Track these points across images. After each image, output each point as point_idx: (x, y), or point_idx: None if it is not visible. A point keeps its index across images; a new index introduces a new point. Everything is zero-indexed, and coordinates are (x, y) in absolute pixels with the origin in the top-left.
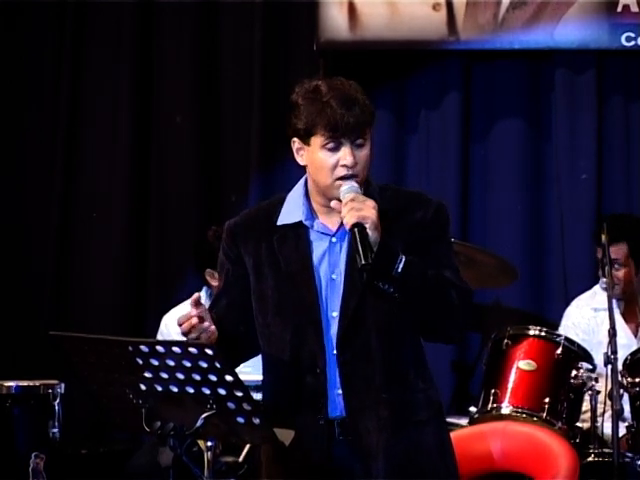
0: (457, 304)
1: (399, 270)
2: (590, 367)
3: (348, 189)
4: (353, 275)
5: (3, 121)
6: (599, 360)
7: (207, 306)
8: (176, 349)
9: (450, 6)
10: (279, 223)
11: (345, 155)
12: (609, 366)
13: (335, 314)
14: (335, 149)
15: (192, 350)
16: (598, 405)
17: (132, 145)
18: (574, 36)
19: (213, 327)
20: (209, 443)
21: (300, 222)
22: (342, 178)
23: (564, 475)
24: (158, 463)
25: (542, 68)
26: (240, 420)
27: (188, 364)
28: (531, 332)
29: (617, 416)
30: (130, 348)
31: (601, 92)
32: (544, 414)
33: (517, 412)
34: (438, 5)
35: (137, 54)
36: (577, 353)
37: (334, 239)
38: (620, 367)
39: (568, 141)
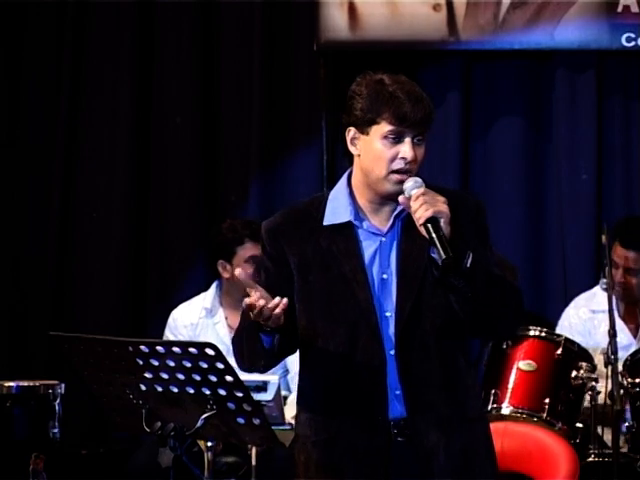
0: (513, 301)
1: (468, 265)
2: (590, 367)
3: (414, 184)
4: (405, 275)
5: (3, 121)
6: (597, 361)
7: (217, 299)
8: (176, 349)
9: (450, 6)
10: (326, 223)
11: (407, 149)
12: (609, 366)
13: (389, 314)
14: (396, 141)
15: (192, 350)
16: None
17: (132, 145)
18: (574, 36)
19: (285, 299)
20: (209, 443)
21: (349, 222)
22: (397, 172)
23: (564, 475)
24: (158, 463)
25: (542, 68)
26: (240, 421)
27: (188, 364)
28: (531, 332)
29: (617, 416)
30: (130, 348)
31: (601, 92)
32: (544, 414)
33: (517, 412)
34: (438, 5)
35: (137, 54)
36: (577, 353)
37: (384, 238)
38: (620, 368)
39: (568, 141)
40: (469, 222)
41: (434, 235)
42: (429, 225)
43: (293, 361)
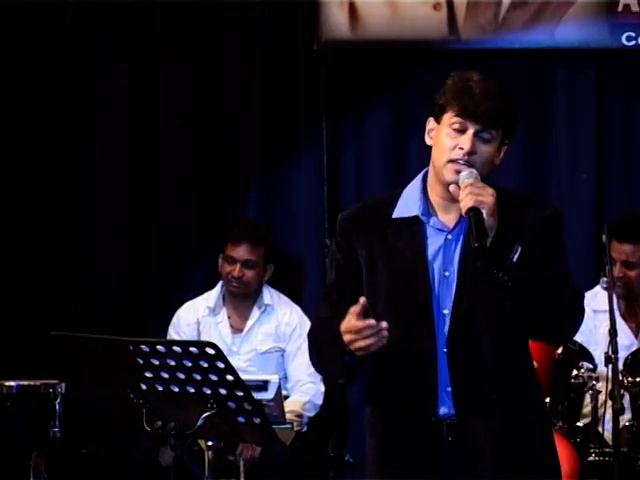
0: (569, 305)
1: (514, 260)
2: (591, 367)
3: (468, 174)
4: (466, 273)
5: (3, 121)
6: (598, 360)
7: (221, 298)
8: (177, 348)
9: (451, 6)
10: (395, 216)
11: (466, 139)
12: (610, 366)
13: (446, 311)
14: (460, 131)
15: (193, 350)
16: (599, 404)
17: (132, 146)
18: (575, 36)
19: (385, 323)
20: (210, 442)
21: (416, 217)
22: (455, 162)
23: (564, 475)
24: (159, 462)
25: (543, 68)
26: (241, 420)
27: (189, 364)
28: None
29: (618, 415)
30: (131, 348)
31: (601, 92)
32: None
33: None
34: (439, 5)
35: (137, 54)
36: (578, 353)
37: (450, 236)
38: (621, 367)
39: (568, 141)
40: (538, 227)
41: (472, 223)
42: (470, 214)
43: (292, 370)
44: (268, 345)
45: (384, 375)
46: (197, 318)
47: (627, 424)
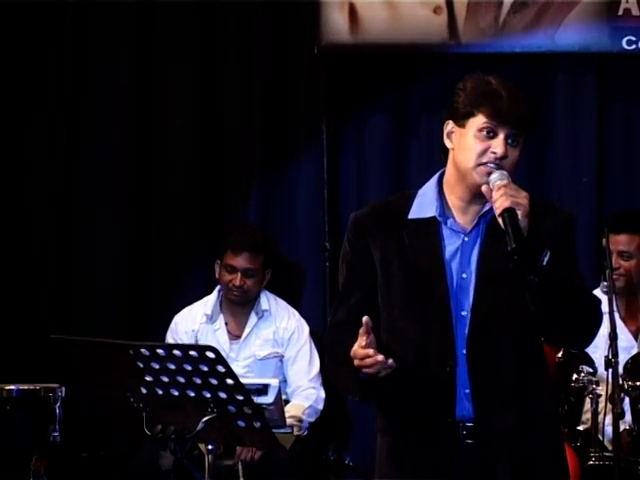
0: (589, 310)
1: (544, 263)
2: (591, 370)
3: (500, 175)
4: (484, 275)
5: (3, 121)
6: (598, 364)
7: (218, 304)
8: (177, 352)
9: (451, 9)
10: (411, 217)
11: (498, 144)
12: (610, 369)
13: (464, 313)
14: (490, 136)
15: (193, 353)
16: (599, 408)
17: (132, 146)
18: (575, 40)
19: (391, 361)
20: (210, 446)
21: (433, 218)
22: (485, 164)
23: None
24: (159, 466)
25: (543, 72)
26: (241, 424)
27: (189, 367)
28: None
29: (618, 419)
30: (131, 351)
31: (602, 96)
32: None
33: None
34: (439, 8)
35: (137, 54)
36: (578, 356)
37: (467, 238)
38: (621, 370)
39: (569, 144)
40: (557, 232)
41: (508, 224)
42: (505, 215)
43: (292, 375)
44: (266, 351)
45: (401, 376)
46: (195, 326)
47: (627, 428)
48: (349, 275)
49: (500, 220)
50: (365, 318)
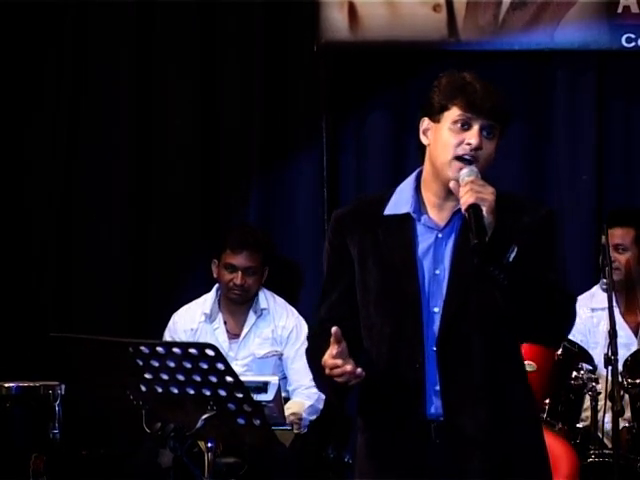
0: (561, 307)
1: (510, 259)
2: (590, 368)
3: (469, 172)
4: (458, 272)
5: (3, 121)
6: (597, 360)
7: (217, 303)
8: (176, 350)
9: (450, 7)
10: (386, 213)
11: (473, 135)
12: (609, 367)
13: (437, 309)
14: (465, 128)
15: (192, 351)
16: (598, 405)
17: (132, 146)
18: (574, 37)
19: (359, 370)
20: (209, 444)
21: (407, 214)
22: (461, 158)
23: (564, 476)
24: (159, 464)
25: (542, 69)
26: (240, 421)
27: (189, 365)
28: None
29: (617, 417)
30: (130, 349)
31: (601, 93)
32: (544, 415)
33: None
34: (438, 6)
35: (137, 54)
36: (577, 354)
37: (440, 234)
38: (620, 368)
39: (568, 142)
40: (532, 228)
41: (472, 220)
42: (470, 210)
43: (293, 374)
44: (265, 349)
45: (374, 373)
46: (194, 325)
47: (627, 425)
48: (330, 272)
49: (465, 215)
50: (334, 329)
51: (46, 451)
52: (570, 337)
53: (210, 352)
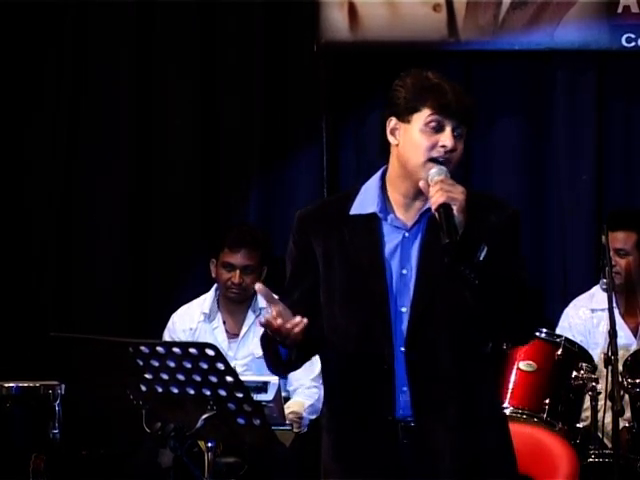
0: (530, 304)
1: (481, 258)
2: (590, 368)
3: (438, 171)
4: (425, 271)
5: (3, 121)
6: (597, 360)
7: (216, 302)
8: (177, 350)
9: (450, 7)
10: (352, 213)
11: (447, 137)
12: (609, 367)
13: (404, 309)
14: (437, 130)
15: (192, 351)
16: (598, 405)
17: (132, 146)
18: (574, 37)
19: (299, 317)
20: (209, 444)
21: (374, 214)
22: (435, 160)
23: (564, 476)
24: (159, 464)
25: (542, 69)
26: (240, 421)
27: (189, 365)
28: None
29: (617, 417)
30: (130, 349)
31: (601, 93)
32: (544, 415)
33: (517, 413)
34: (438, 6)
35: (137, 54)
36: (577, 354)
37: (407, 234)
38: (620, 368)
39: (568, 142)
40: (499, 225)
41: (442, 219)
42: (440, 210)
43: (294, 374)
44: None
45: (341, 373)
46: (193, 325)
47: (627, 425)
48: (293, 272)
49: (437, 216)
50: (258, 285)
51: (46, 451)
52: (570, 338)
53: (210, 352)
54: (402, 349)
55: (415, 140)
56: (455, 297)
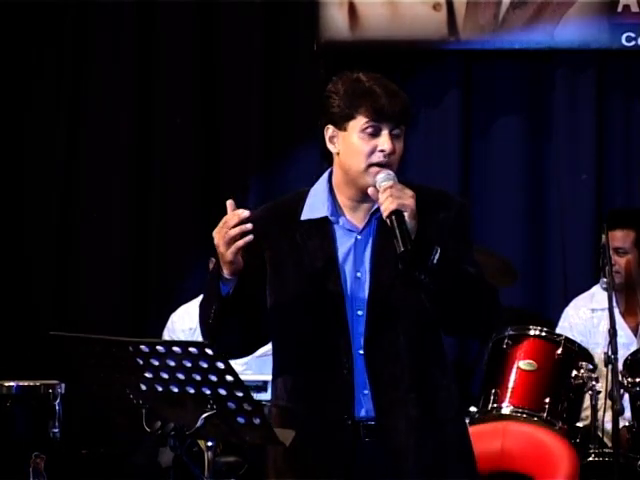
0: (487, 300)
1: (435, 261)
2: (591, 367)
3: (386, 176)
4: (378, 273)
5: (3, 121)
6: (598, 360)
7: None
8: (176, 349)
9: (450, 6)
10: (303, 218)
11: (385, 141)
12: (609, 366)
13: (360, 312)
14: (374, 135)
15: (192, 350)
16: (598, 405)
17: (132, 145)
18: (574, 36)
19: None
20: (209, 443)
21: (325, 218)
22: (377, 165)
23: (564, 475)
24: (158, 463)
25: (542, 68)
26: (240, 420)
27: (188, 364)
28: (531, 332)
29: (617, 416)
30: (130, 348)
31: (601, 92)
32: (544, 414)
33: (517, 412)
34: (438, 5)
35: (137, 54)
36: (578, 353)
37: (359, 236)
38: (620, 367)
39: (568, 141)
40: (448, 221)
41: (395, 227)
42: (392, 217)
43: None
44: (264, 348)
45: (297, 377)
46: (192, 324)
47: (627, 425)
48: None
49: (389, 223)
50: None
51: (46, 450)
52: (570, 337)
53: (210, 351)
54: (360, 352)
55: (354, 147)
56: (411, 298)
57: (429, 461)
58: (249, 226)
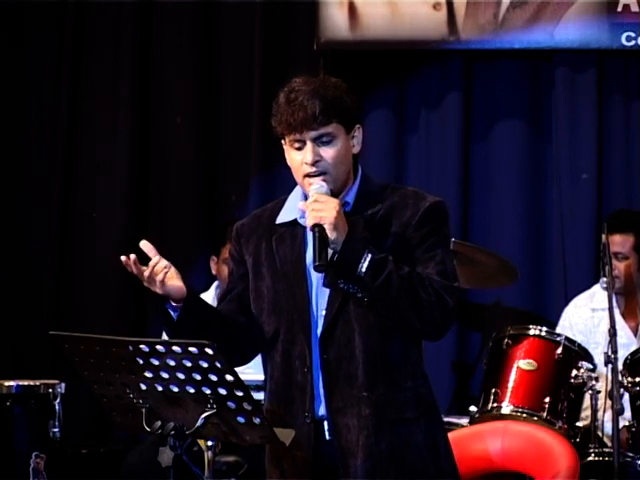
0: (431, 300)
1: (362, 270)
2: (590, 367)
3: (317, 188)
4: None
5: (3, 121)
6: (598, 360)
7: (216, 300)
8: (176, 348)
9: (450, 6)
10: (277, 222)
11: (305, 152)
12: (609, 366)
13: (324, 313)
14: (300, 148)
15: (192, 350)
16: (598, 404)
17: (132, 145)
18: (574, 36)
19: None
20: (209, 443)
21: (295, 220)
22: (308, 175)
23: (564, 475)
24: (158, 463)
25: (542, 68)
26: (240, 420)
27: (188, 364)
28: (531, 332)
29: (617, 416)
30: (130, 348)
31: (601, 92)
32: (544, 414)
33: (517, 412)
34: (438, 5)
35: (137, 54)
36: (577, 353)
37: None
38: (620, 367)
39: (568, 141)
40: (412, 219)
41: (316, 240)
42: (315, 230)
43: None
44: None
45: (274, 378)
46: None
47: (627, 424)
48: (229, 280)
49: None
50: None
51: (46, 449)
52: (570, 337)
53: (210, 350)
54: (319, 351)
55: (291, 162)
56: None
57: (381, 461)
58: (133, 256)
